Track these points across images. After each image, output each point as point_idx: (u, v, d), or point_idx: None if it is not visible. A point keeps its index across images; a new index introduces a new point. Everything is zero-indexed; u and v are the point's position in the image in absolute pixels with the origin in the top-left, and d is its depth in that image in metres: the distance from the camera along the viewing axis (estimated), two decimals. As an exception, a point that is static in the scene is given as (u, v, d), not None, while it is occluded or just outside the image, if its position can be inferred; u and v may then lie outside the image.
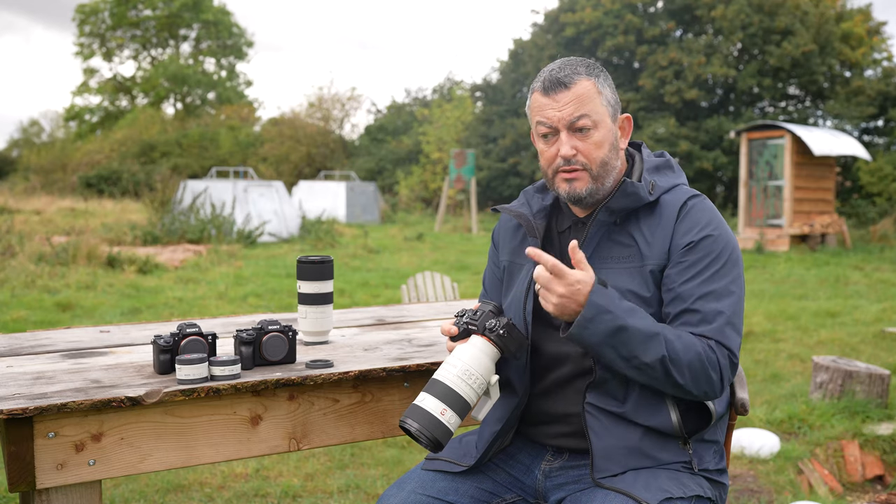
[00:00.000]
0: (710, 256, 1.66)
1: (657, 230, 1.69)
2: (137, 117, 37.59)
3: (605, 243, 1.72)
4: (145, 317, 7.15)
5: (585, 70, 1.72)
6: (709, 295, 1.63)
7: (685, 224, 1.68)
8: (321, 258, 2.14)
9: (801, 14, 20.91)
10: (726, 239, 1.69)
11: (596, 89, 1.71)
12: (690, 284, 1.64)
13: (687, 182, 1.81)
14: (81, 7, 42.43)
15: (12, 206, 19.08)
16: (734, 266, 1.68)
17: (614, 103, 1.75)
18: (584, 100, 1.69)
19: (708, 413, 1.71)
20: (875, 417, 4.20)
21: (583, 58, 1.77)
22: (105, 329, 2.37)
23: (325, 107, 34.57)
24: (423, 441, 1.59)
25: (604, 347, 1.58)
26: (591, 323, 1.55)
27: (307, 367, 1.88)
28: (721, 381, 1.62)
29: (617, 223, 1.72)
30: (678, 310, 1.65)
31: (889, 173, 18.70)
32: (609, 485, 1.63)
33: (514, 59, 26.49)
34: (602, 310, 1.55)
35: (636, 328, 1.57)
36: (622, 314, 1.56)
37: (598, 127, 1.70)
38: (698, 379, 1.60)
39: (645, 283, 1.67)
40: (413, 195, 26.42)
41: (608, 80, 1.76)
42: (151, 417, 1.70)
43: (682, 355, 1.58)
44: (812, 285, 9.98)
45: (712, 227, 1.68)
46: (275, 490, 3.40)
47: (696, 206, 1.71)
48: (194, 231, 13.76)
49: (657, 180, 1.74)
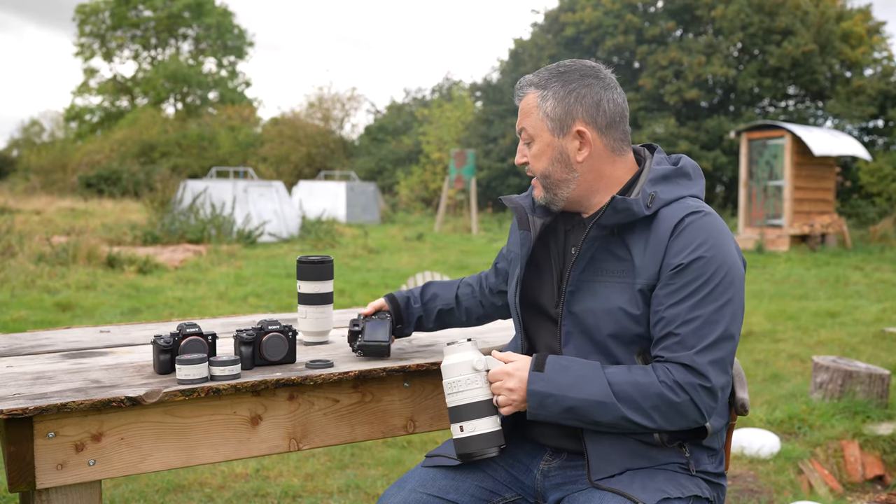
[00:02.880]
0: (700, 280, 1.59)
1: (651, 246, 1.63)
2: (137, 117, 37.59)
3: (600, 254, 1.69)
4: (145, 317, 7.15)
5: (538, 81, 1.72)
6: (693, 320, 1.58)
7: (678, 243, 1.61)
8: (321, 258, 2.14)
9: (802, 14, 20.91)
10: (720, 260, 1.60)
11: (535, 103, 1.71)
12: (677, 309, 1.59)
13: (702, 191, 1.73)
14: (81, 7, 42.45)
15: (12, 206, 19.08)
16: (727, 290, 1.60)
17: (559, 116, 1.68)
18: (525, 113, 1.74)
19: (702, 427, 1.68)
20: (875, 417, 4.20)
21: (570, 63, 1.73)
22: (105, 329, 2.37)
23: (325, 107, 34.58)
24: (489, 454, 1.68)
25: (565, 421, 1.62)
26: (541, 409, 1.61)
27: (307, 367, 1.88)
28: (697, 409, 1.58)
29: (615, 233, 1.68)
30: (661, 333, 1.61)
31: (889, 173, 18.70)
32: (606, 486, 1.63)
33: (514, 58, 26.49)
34: (543, 396, 1.60)
35: (583, 399, 1.58)
36: (565, 392, 1.59)
37: (535, 140, 1.72)
38: (668, 416, 1.58)
39: (634, 301, 1.64)
40: (413, 195, 26.42)
41: (565, 91, 1.68)
42: (151, 417, 1.70)
43: (642, 402, 1.57)
44: (812, 285, 9.98)
45: (705, 248, 1.60)
46: (275, 490, 3.40)
47: (693, 223, 1.62)
48: (194, 231, 13.75)
49: (660, 191, 1.66)
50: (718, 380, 1.59)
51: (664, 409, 1.57)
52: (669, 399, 1.56)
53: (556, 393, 1.57)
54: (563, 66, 1.72)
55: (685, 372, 1.57)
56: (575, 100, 1.69)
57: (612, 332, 1.66)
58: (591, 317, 1.68)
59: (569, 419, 1.60)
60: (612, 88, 1.71)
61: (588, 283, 1.69)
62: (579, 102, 1.69)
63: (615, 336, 1.66)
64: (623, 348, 1.67)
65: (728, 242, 1.64)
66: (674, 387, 1.56)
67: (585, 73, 1.71)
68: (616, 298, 1.65)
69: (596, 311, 1.67)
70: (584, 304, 1.69)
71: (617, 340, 1.66)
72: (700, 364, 1.57)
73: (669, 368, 1.58)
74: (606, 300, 1.66)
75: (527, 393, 1.59)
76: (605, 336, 1.67)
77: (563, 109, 1.69)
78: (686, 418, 1.59)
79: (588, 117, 1.69)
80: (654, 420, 1.58)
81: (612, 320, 1.66)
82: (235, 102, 41.60)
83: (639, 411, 1.57)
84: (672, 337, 1.59)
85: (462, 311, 2.10)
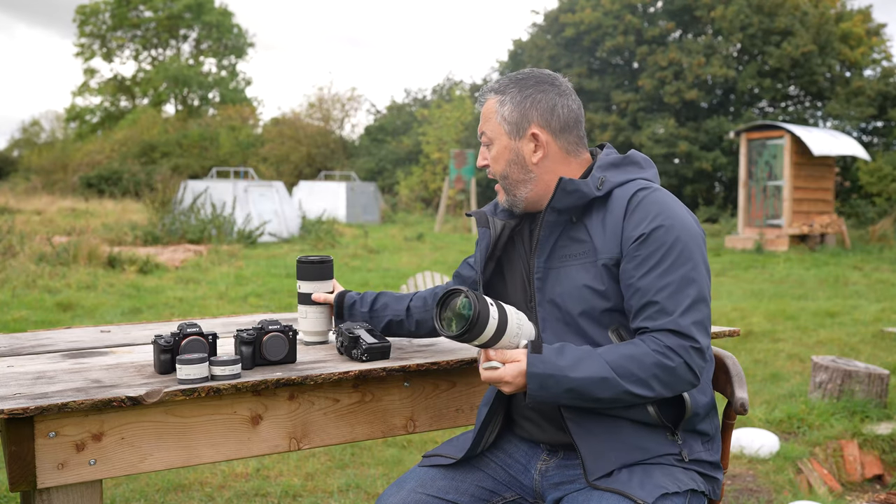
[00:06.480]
0: (664, 248, 1.64)
1: (608, 224, 1.70)
2: (138, 118, 37.58)
3: (562, 241, 1.74)
4: (146, 317, 7.15)
5: (498, 87, 1.81)
6: (667, 287, 1.62)
7: (635, 217, 1.67)
8: (321, 258, 2.14)
9: (801, 14, 20.93)
10: (680, 227, 1.66)
11: (494, 108, 1.79)
12: (649, 278, 1.63)
13: (655, 177, 1.80)
14: (82, 8, 42.46)
15: (13, 206, 19.09)
16: (692, 254, 1.65)
17: (515, 120, 1.77)
18: (485, 117, 1.82)
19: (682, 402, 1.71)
20: (874, 417, 4.21)
21: (518, 73, 1.81)
22: (106, 329, 2.37)
23: (325, 107, 34.59)
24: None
25: (565, 402, 1.62)
26: (542, 392, 1.60)
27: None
28: (691, 371, 1.61)
29: (573, 221, 1.74)
30: (640, 304, 1.64)
31: (888, 173, 18.70)
32: (604, 486, 1.64)
33: (513, 59, 26.50)
34: (544, 378, 1.59)
35: (584, 378, 1.58)
36: (566, 372, 1.58)
37: (493, 143, 1.80)
38: (667, 382, 1.60)
39: (599, 276, 1.69)
40: (413, 195, 26.42)
41: (522, 95, 1.77)
42: (152, 417, 1.70)
43: (641, 373, 1.58)
44: (811, 285, 9.99)
45: (663, 217, 1.66)
46: (275, 490, 3.41)
47: (647, 198, 1.69)
48: (195, 231, 13.76)
49: (609, 175, 1.74)
50: (704, 340, 1.63)
51: (662, 376, 1.59)
52: (665, 364, 1.59)
53: (557, 373, 1.58)
54: (521, 74, 1.81)
55: (673, 336, 1.61)
56: (531, 104, 1.77)
57: (581, 310, 1.70)
58: (560, 300, 1.72)
59: (570, 399, 1.60)
60: (567, 95, 1.80)
61: (553, 271, 1.74)
62: (534, 107, 1.77)
63: (585, 314, 1.70)
64: (596, 327, 1.70)
65: (683, 213, 1.71)
66: (666, 352, 1.59)
67: (542, 80, 1.80)
68: (580, 277, 1.70)
69: (563, 294, 1.72)
70: (553, 291, 1.74)
71: (588, 319, 1.70)
72: (685, 327, 1.61)
73: (657, 336, 1.61)
74: (572, 281, 1.71)
75: (527, 376, 1.59)
76: (577, 316, 1.70)
77: (519, 113, 1.77)
78: (683, 381, 1.62)
79: (542, 121, 1.77)
80: (654, 388, 1.60)
81: (580, 298, 1.70)
82: (235, 102, 41.60)
83: (638, 383, 1.58)
84: (652, 306, 1.63)
85: (412, 322, 2.11)
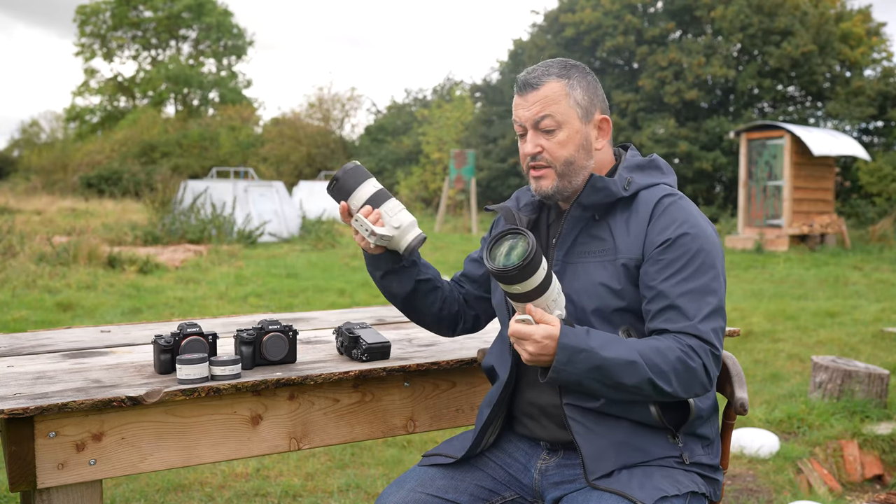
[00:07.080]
0: (689, 255, 1.66)
1: (632, 225, 1.71)
2: (138, 118, 37.59)
3: (583, 238, 1.76)
4: (146, 317, 7.15)
5: (559, 71, 1.77)
6: (690, 293, 1.64)
7: (661, 221, 1.69)
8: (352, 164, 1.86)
9: (801, 14, 20.91)
10: (704, 238, 1.69)
11: (564, 91, 1.76)
12: (671, 282, 1.65)
13: (675, 183, 1.83)
14: (82, 8, 42.46)
15: (13, 206, 19.08)
16: (714, 264, 1.68)
17: (586, 104, 1.77)
18: (550, 101, 1.75)
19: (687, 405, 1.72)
20: (874, 417, 4.21)
21: (566, 59, 1.80)
22: (106, 329, 2.37)
23: (325, 107, 34.59)
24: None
25: (586, 382, 1.60)
26: (568, 365, 1.57)
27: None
28: (707, 376, 1.63)
29: (596, 218, 1.75)
30: (660, 307, 1.65)
31: (888, 173, 18.70)
32: (604, 486, 1.64)
33: (513, 59, 26.48)
34: (575, 351, 1.57)
35: (613, 358, 1.58)
36: (596, 349, 1.58)
37: (563, 127, 1.75)
38: (685, 381, 1.61)
39: (616, 275, 1.69)
40: (413, 195, 26.42)
41: (586, 81, 1.78)
42: (152, 417, 1.71)
43: (664, 366, 1.59)
44: (811, 285, 9.99)
45: (689, 226, 1.68)
46: (275, 490, 3.41)
47: (674, 204, 1.72)
48: (195, 231, 13.76)
49: (636, 177, 1.76)
50: (719, 344, 1.65)
51: (682, 373, 1.60)
52: (687, 363, 1.60)
53: (588, 349, 1.57)
54: (569, 61, 1.80)
55: (695, 339, 1.62)
56: (594, 90, 1.80)
57: (594, 307, 1.70)
58: (575, 295, 1.72)
59: (592, 378, 1.59)
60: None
61: (570, 266, 1.75)
62: (597, 93, 1.80)
63: (598, 312, 1.70)
64: (606, 325, 1.70)
65: (706, 224, 1.74)
66: (689, 352, 1.61)
67: (588, 69, 1.82)
68: (597, 275, 1.71)
69: (579, 290, 1.72)
70: (568, 286, 1.73)
71: (599, 316, 1.70)
72: (704, 332, 1.63)
73: (679, 337, 1.63)
74: (589, 277, 1.72)
75: (558, 346, 1.57)
76: (589, 313, 1.71)
77: (588, 99, 1.78)
78: (698, 383, 1.63)
79: (603, 107, 1.81)
80: (672, 384, 1.60)
81: (595, 295, 1.70)
82: (235, 103, 41.61)
83: (661, 375, 1.59)
84: (672, 309, 1.64)
85: (440, 297, 1.99)
